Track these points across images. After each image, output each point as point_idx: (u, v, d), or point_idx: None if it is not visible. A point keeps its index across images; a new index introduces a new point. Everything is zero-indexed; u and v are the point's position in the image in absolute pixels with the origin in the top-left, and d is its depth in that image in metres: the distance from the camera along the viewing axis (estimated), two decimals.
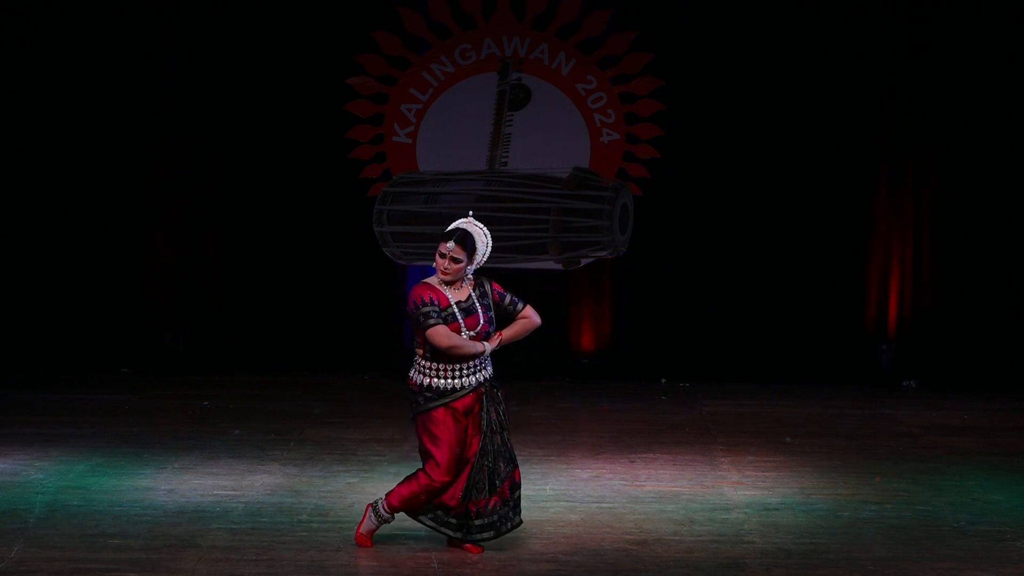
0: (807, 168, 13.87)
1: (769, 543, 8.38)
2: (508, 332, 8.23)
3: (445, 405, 8.08)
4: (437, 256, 8.13)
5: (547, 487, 9.72)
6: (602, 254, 13.98)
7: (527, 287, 14.06)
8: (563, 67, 13.94)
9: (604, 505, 9.25)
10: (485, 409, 8.12)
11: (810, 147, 13.86)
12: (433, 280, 8.17)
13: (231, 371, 14.02)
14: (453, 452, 8.07)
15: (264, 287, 14.08)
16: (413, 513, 8.19)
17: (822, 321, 13.96)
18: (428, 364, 8.11)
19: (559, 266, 14.02)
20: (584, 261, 14.01)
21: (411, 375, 8.17)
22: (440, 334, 7.99)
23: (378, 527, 8.23)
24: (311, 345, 14.11)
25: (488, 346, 8.12)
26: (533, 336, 14.25)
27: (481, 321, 8.11)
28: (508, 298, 8.25)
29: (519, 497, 8.19)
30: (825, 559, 8.08)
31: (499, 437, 8.12)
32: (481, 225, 8.24)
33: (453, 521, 8.13)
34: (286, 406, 12.45)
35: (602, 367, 14.06)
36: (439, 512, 8.15)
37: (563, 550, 8.22)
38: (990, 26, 13.61)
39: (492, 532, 8.14)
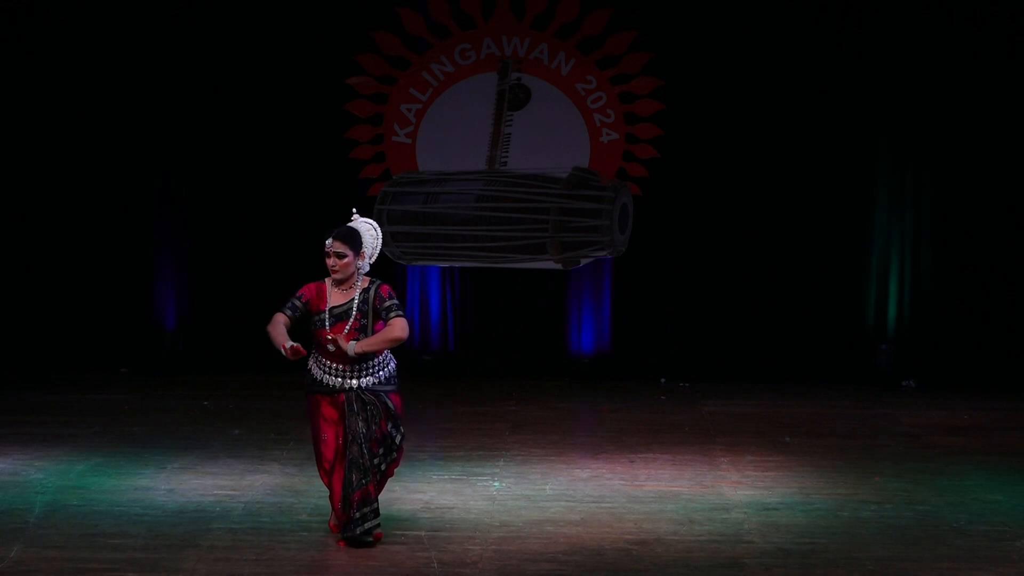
0: (807, 168, 13.88)
1: (769, 543, 8.39)
2: (363, 343, 8.19)
3: (319, 394, 8.28)
4: (326, 257, 8.22)
5: (547, 487, 9.72)
6: (602, 254, 13.98)
7: (527, 287, 14.13)
8: (563, 67, 13.95)
9: (604, 505, 9.25)
10: (348, 416, 8.22)
11: (809, 147, 13.86)
12: (328, 280, 8.34)
13: (231, 371, 14.03)
14: (322, 439, 8.24)
15: (264, 286, 14.08)
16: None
17: (822, 321, 13.96)
18: (314, 351, 8.38)
19: (559, 266, 14.02)
20: (584, 261, 14.02)
21: (308, 357, 8.41)
22: (272, 321, 8.33)
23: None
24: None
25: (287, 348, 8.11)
26: (533, 336, 14.45)
27: (347, 328, 8.22)
28: (387, 303, 8.27)
29: (373, 511, 8.23)
30: (825, 559, 8.09)
31: (356, 448, 8.18)
32: (371, 221, 8.40)
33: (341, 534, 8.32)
34: (286, 406, 12.44)
35: (602, 367, 14.07)
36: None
37: (563, 550, 8.22)
38: (989, 27, 13.59)
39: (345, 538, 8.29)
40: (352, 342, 8.18)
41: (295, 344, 8.09)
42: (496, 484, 9.78)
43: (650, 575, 7.83)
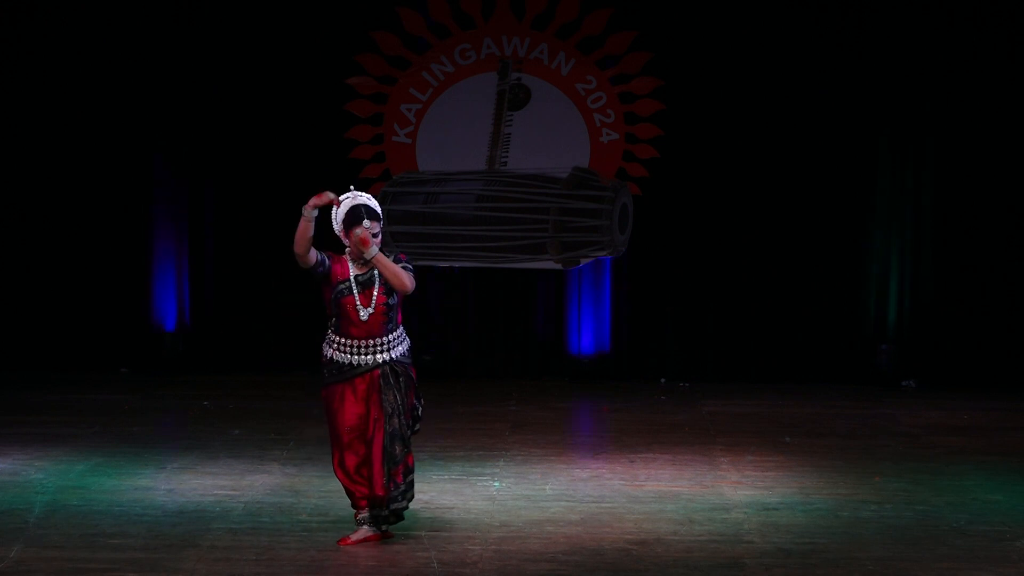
0: (806, 168, 13.88)
1: (769, 543, 8.39)
2: (382, 256, 8.24)
3: (343, 382, 8.23)
4: (363, 239, 8.21)
5: (547, 487, 9.72)
6: (602, 254, 13.98)
7: (527, 287, 14.12)
8: (563, 67, 13.95)
9: (604, 505, 9.25)
10: (384, 390, 8.19)
11: (809, 147, 13.86)
12: (346, 253, 8.35)
13: (231, 371, 14.03)
14: (347, 429, 8.22)
15: (264, 286, 14.10)
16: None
17: (822, 321, 13.96)
18: (334, 337, 8.33)
19: (559, 266, 14.02)
20: (584, 261, 14.02)
21: (322, 347, 8.38)
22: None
23: (360, 528, 8.34)
24: (311, 345, 14.09)
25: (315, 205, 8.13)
26: (533, 336, 14.44)
27: (375, 294, 8.22)
28: (404, 264, 8.33)
29: (412, 482, 8.33)
30: (825, 559, 8.09)
31: (396, 420, 8.20)
32: (360, 192, 8.43)
33: (386, 512, 8.31)
34: (286, 406, 12.45)
35: (602, 367, 14.06)
36: (375, 509, 8.29)
37: (563, 550, 8.22)
38: (989, 27, 13.59)
39: (382, 518, 8.31)
40: (374, 247, 8.16)
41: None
42: (496, 484, 9.78)
43: (650, 575, 7.83)
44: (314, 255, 8.22)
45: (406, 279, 8.25)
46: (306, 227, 8.14)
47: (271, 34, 13.95)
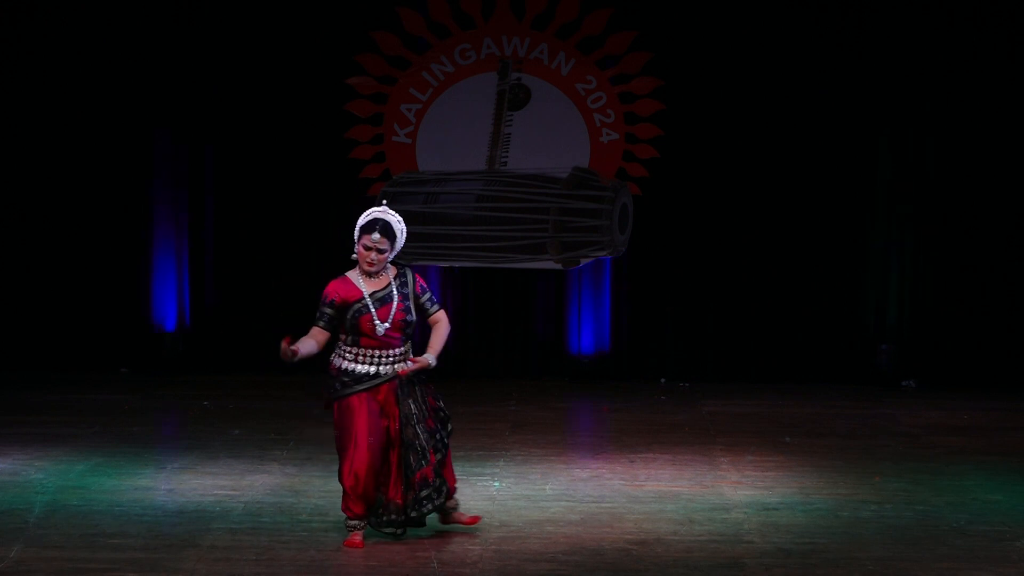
0: (807, 168, 13.88)
1: (769, 543, 8.39)
2: (436, 345, 8.32)
3: (362, 392, 8.21)
4: (361, 249, 8.25)
5: (547, 487, 9.72)
6: (602, 254, 13.98)
7: (527, 287, 14.13)
8: (563, 67, 13.95)
9: (604, 505, 9.25)
10: (401, 401, 8.20)
11: (809, 147, 13.86)
12: (352, 273, 8.31)
13: (231, 371, 14.03)
14: (366, 441, 8.19)
15: (264, 287, 14.10)
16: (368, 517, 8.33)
17: (822, 321, 13.96)
18: (348, 348, 8.30)
19: (559, 266, 14.02)
20: (584, 261, 14.02)
21: (332, 359, 8.34)
22: (312, 334, 8.26)
23: (357, 532, 8.31)
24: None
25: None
26: (533, 336, 14.44)
27: (393, 310, 8.21)
28: (427, 295, 8.36)
29: (434, 493, 8.29)
30: (825, 559, 8.09)
31: (411, 430, 8.21)
32: (393, 212, 8.37)
33: (403, 518, 8.30)
34: (286, 406, 12.45)
35: (602, 367, 14.07)
36: (392, 515, 8.27)
37: (563, 550, 8.22)
38: (989, 27, 13.59)
39: (399, 526, 8.31)
40: (428, 355, 8.24)
41: (295, 348, 8.13)
42: (496, 484, 9.78)
43: (650, 575, 7.83)
44: (325, 334, 8.33)
45: (447, 327, 8.39)
46: (301, 357, 8.22)
47: (271, 34, 13.95)
